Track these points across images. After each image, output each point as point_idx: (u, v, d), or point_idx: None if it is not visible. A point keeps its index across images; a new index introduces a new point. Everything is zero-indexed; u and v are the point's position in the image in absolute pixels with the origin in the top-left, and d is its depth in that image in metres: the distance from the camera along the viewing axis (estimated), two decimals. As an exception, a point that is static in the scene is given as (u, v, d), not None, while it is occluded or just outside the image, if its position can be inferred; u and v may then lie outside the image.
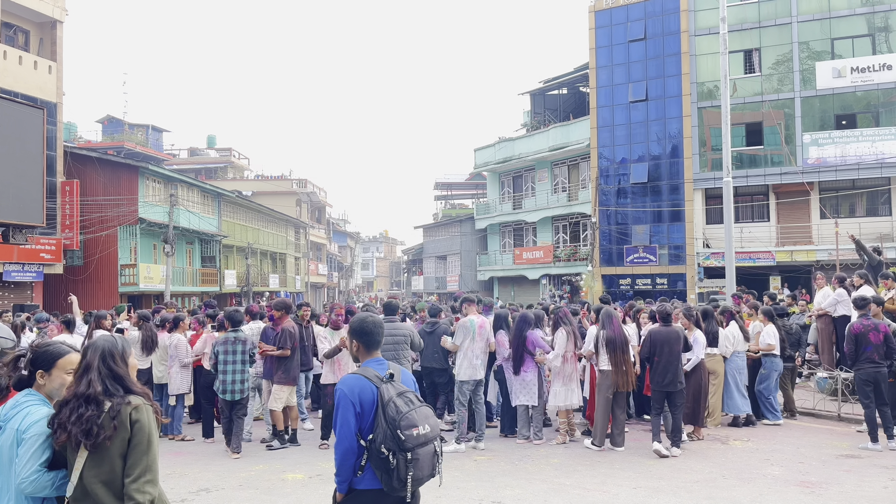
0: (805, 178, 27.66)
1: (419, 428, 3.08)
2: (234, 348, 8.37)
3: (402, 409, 3.08)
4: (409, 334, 7.94)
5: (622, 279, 31.74)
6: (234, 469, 7.75)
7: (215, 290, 36.45)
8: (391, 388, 3.17)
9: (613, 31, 32.64)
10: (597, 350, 8.61)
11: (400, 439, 3.01)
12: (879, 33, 28.02)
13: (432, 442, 3.14)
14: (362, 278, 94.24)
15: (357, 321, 3.49)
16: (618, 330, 8.51)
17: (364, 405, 3.12)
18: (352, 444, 3.11)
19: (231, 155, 57.12)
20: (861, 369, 8.34)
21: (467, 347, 8.48)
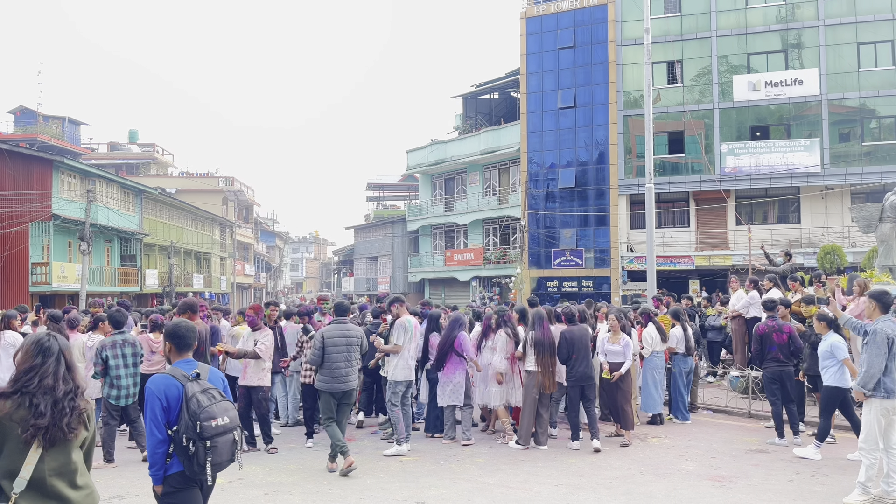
0: (722, 185, 28.87)
1: (218, 420, 3.53)
2: (124, 351, 7.97)
3: (203, 403, 3.53)
4: (360, 336, 7.77)
5: (550, 281, 32.35)
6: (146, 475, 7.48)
7: (135, 290, 35.16)
8: (195, 386, 3.59)
9: (544, 38, 33.27)
10: (525, 351, 8.74)
11: (199, 429, 3.46)
12: (792, 49, 29.55)
13: (231, 432, 3.61)
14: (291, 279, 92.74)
15: (171, 326, 3.86)
16: (546, 332, 8.64)
17: (170, 401, 3.55)
18: (160, 434, 3.54)
19: (154, 151, 55.19)
20: (767, 368, 8.78)
21: (404, 348, 8.47)
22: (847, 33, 28.68)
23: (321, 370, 7.57)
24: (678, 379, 10.35)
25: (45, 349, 2.94)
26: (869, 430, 6.29)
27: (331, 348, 7.48)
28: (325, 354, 7.49)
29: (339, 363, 7.48)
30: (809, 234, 28.80)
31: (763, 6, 29.86)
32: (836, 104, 28.80)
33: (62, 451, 2.84)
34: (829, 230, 28.29)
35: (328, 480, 7.15)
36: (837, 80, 28.68)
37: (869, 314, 6.57)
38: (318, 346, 7.51)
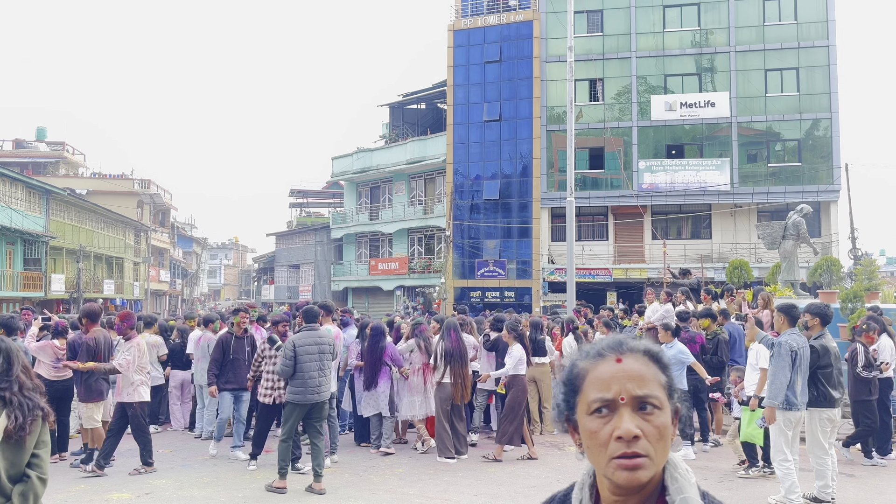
0: (640, 201, 29.90)
1: None
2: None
3: None
4: (333, 342, 7.41)
5: (473, 291, 32.62)
6: (52, 489, 7.07)
7: (39, 295, 33.29)
8: None
9: (471, 51, 33.68)
10: (436, 362, 8.74)
11: None
12: (705, 73, 31.00)
13: None
14: (208, 286, 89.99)
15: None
16: (455, 342, 8.59)
17: None
18: None
19: (64, 150, 52.55)
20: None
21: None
22: (755, 60, 30.33)
23: (292, 381, 7.02)
24: None
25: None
26: (775, 441, 6.41)
27: (303, 357, 6.99)
28: (297, 364, 6.97)
29: (311, 372, 7.01)
30: (720, 249, 30.17)
31: (679, 30, 31.22)
32: (745, 126, 30.37)
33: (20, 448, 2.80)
34: (738, 246, 29.72)
35: (243, 494, 6.95)
36: (746, 104, 30.26)
37: (778, 327, 6.70)
38: (290, 356, 6.96)
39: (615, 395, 1.28)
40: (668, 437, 1.29)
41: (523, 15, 32.73)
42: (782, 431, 6.37)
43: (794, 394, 6.33)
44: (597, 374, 1.32)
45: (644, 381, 1.30)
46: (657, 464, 1.27)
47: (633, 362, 1.32)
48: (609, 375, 1.30)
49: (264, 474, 7.71)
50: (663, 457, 1.29)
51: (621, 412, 1.27)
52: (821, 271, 15.49)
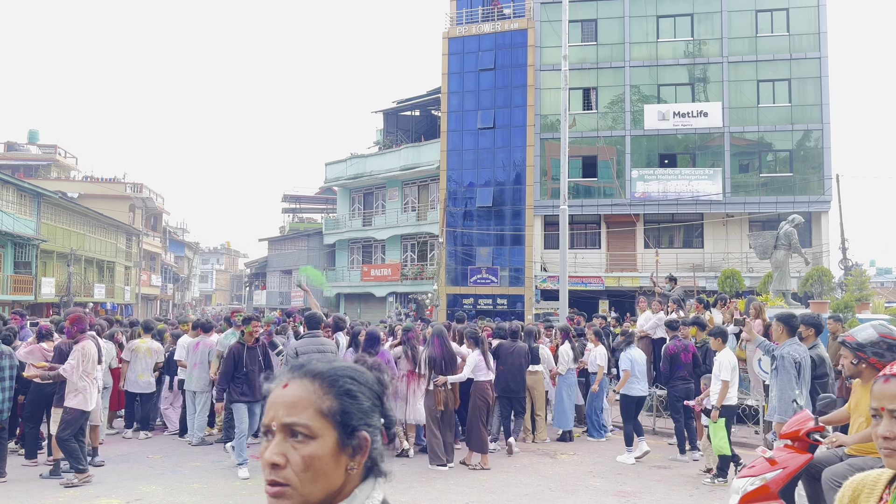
0: (632, 210, 30.00)
1: None
2: (1, 363, 7.48)
3: None
4: (335, 350, 7.32)
5: (466, 298, 32.61)
6: (39, 496, 7.02)
7: (29, 298, 33.07)
8: None
9: (465, 58, 33.79)
10: (421, 370, 8.75)
11: None
12: (698, 83, 31.19)
13: None
14: (200, 291, 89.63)
15: None
16: (440, 349, 8.55)
17: None
18: None
19: (56, 153, 52.36)
20: (674, 387, 9.12)
21: None
22: (748, 70, 30.55)
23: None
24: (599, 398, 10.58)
25: None
26: None
27: None
28: None
29: None
30: (711, 258, 30.29)
31: (672, 41, 31.42)
32: (738, 137, 30.55)
33: None
34: (729, 255, 29.85)
35: (233, 501, 6.91)
36: (739, 114, 30.45)
37: (777, 337, 6.53)
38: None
39: (269, 422, 1.27)
40: (321, 468, 1.23)
41: (518, 23, 32.87)
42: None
43: (797, 405, 6.22)
44: (269, 398, 1.31)
45: (295, 409, 1.25)
46: (304, 494, 1.22)
47: (297, 388, 1.27)
48: (271, 401, 1.29)
49: (255, 482, 7.67)
50: (313, 488, 1.23)
51: (272, 438, 1.26)
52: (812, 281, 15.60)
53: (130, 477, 7.79)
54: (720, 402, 7.37)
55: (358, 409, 1.29)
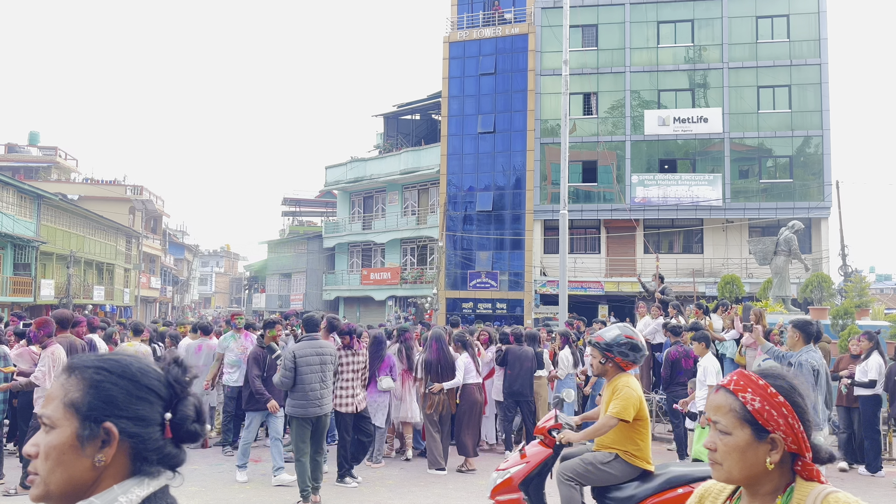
0: (632, 215, 30.02)
1: None
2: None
3: None
4: (334, 353, 7.21)
5: (465, 303, 32.60)
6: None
7: (29, 300, 33.05)
8: None
9: (466, 63, 33.85)
10: (417, 373, 8.79)
11: None
12: (699, 89, 31.24)
13: None
14: (199, 294, 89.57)
15: None
16: (437, 353, 8.55)
17: None
18: None
19: (56, 154, 52.37)
20: (674, 392, 9.11)
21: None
22: (748, 76, 30.60)
23: (292, 394, 6.74)
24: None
25: None
26: None
27: (303, 368, 6.70)
28: (298, 375, 6.68)
29: (313, 384, 6.73)
30: (711, 264, 30.29)
31: (673, 46, 31.48)
32: (737, 142, 30.58)
33: None
34: (729, 261, 29.85)
35: (232, 504, 6.89)
36: (739, 120, 30.49)
37: (792, 344, 6.43)
38: (290, 367, 6.70)
39: None
40: (59, 458, 1.25)
41: (519, 28, 32.94)
42: None
43: (815, 413, 6.18)
44: None
45: (48, 401, 1.31)
46: (46, 483, 1.26)
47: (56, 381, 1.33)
48: None
49: (252, 486, 7.66)
50: (54, 477, 1.26)
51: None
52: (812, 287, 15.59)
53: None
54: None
55: (105, 401, 1.28)
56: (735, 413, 1.69)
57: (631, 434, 4.59)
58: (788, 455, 1.69)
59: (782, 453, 1.67)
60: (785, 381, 1.73)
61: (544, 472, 5.01)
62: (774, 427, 1.66)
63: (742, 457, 1.67)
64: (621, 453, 4.58)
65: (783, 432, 1.66)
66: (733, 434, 1.69)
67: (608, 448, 4.64)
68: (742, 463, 1.68)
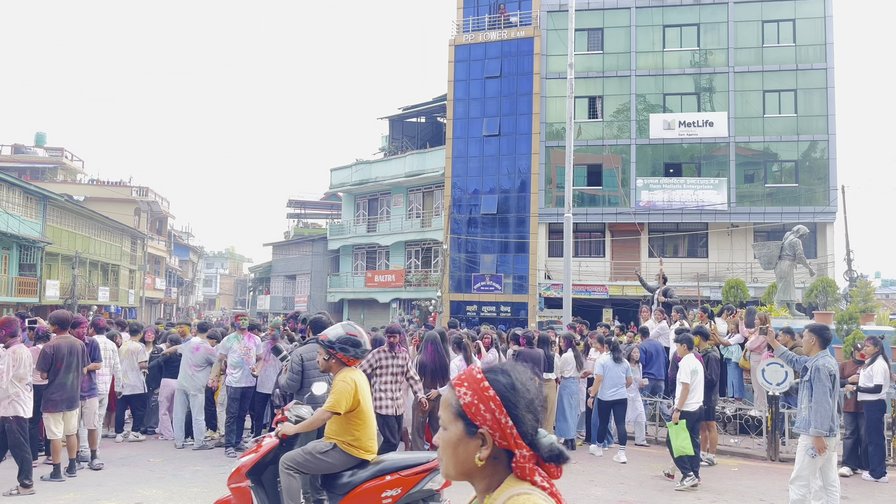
0: (637, 218, 29.97)
1: None
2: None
3: None
4: None
5: (469, 305, 32.59)
6: (40, 498, 7.02)
7: (34, 301, 33.16)
8: None
9: (472, 66, 33.88)
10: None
11: None
12: (704, 93, 31.19)
13: None
14: (204, 295, 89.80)
15: None
16: (432, 356, 8.59)
17: None
18: None
19: (63, 156, 52.59)
20: None
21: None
22: (754, 81, 30.54)
23: (299, 396, 6.65)
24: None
25: None
26: (803, 467, 6.12)
27: (311, 371, 6.63)
28: (305, 379, 6.57)
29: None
30: (716, 268, 30.22)
31: (678, 50, 31.45)
32: (743, 146, 30.52)
33: None
34: (734, 265, 29.78)
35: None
36: (744, 124, 30.44)
37: (808, 349, 6.37)
38: (297, 370, 6.63)
39: None
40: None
41: (524, 31, 32.96)
42: (815, 458, 6.07)
43: (832, 418, 6.09)
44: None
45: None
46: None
47: None
48: None
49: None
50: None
51: None
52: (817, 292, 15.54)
53: (131, 480, 7.79)
54: (680, 404, 7.79)
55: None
56: (451, 408, 1.67)
57: (347, 425, 4.86)
58: (504, 452, 1.64)
59: (492, 449, 1.63)
60: (507, 376, 1.68)
61: (275, 461, 5.19)
62: (482, 422, 1.62)
63: (454, 452, 1.65)
64: (339, 443, 4.87)
65: (490, 427, 1.62)
66: (448, 429, 1.67)
67: (329, 438, 4.92)
68: (455, 458, 1.66)
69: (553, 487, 1.64)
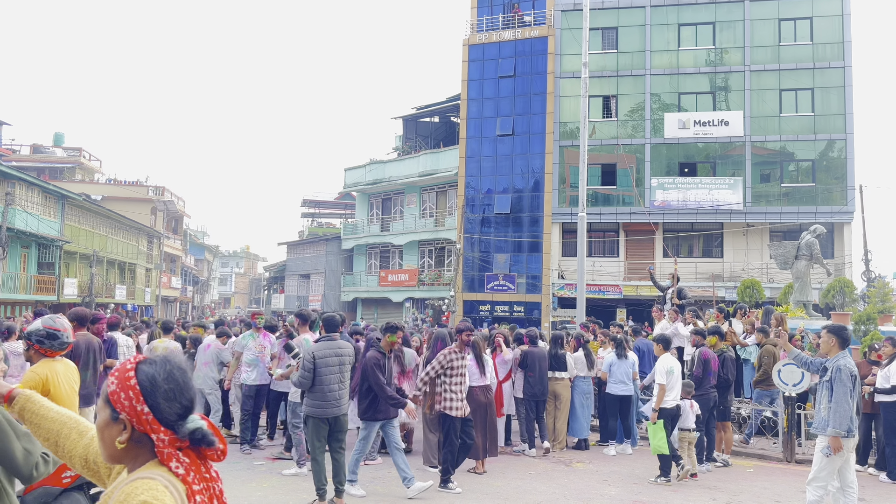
0: (651, 218, 29.84)
1: None
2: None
3: None
4: (352, 353, 7.17)
5: (482, 305, 32.58)
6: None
7: (52, 298, 33.53)
8: None
9: (485, 65, 33.86)
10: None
11: None
12: (720, 91, 30.98)
13: None
14: (219, 294, 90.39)
15: None
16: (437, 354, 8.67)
17: None
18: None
19: (81, 155, 53.12)
20: (705, 395, 8.95)
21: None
22: (770, 79, 30.30)
23: (310, 394, 6.77)
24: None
25: None
26: (821, 468, 6.06)
27: (322, 369, 6.73)
28: (317, 376, 6.72)
29: (332, 385, 6.75)
30: (731, 268, 30.01)
31: (694, 49, 31.27)
32: (759, 146, 30.30)
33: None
34: (749, 265, 29.56)
35: (249, 501, 6.95)
36: (760, 123, 30.21)
37: (827, 350, 6.33)
38: (309, 367, 6.73)
39: None
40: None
41: (538, 31, 32.90)
42: (832, 459, 6.02)
43: (851, 419, 6.03)
44: None
45: None
46: None
47: None
48: None
49: (270, 484, 7.72)
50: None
51: None
52: (834, 293, 15.41)
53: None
54: (657, 404, 8.09)
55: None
56: (103, 395, 1.81)
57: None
58: (148, 438, 1.76)
59: (131, 433, 1.76)
60: (153, 367, 1.80)
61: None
62: (121, 408, 1.76)
63: (102, 435, 1.80)
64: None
65: (128, 413, 1.75)
66: (99, 414, 1.82)
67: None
68: (103, 441, 1.81)
69: (191, 475, 1.75)
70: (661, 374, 8.17)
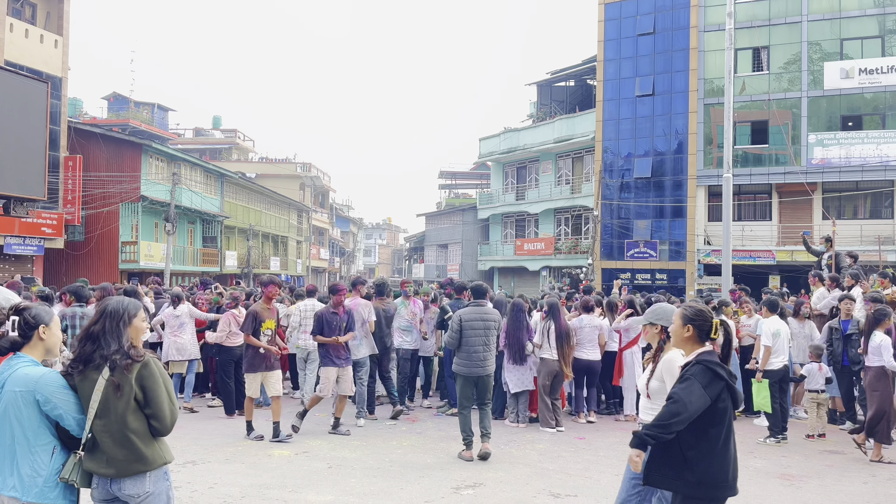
0: (808, 178, 27.58)
1: None
2: (82, 323, 8.14)
3: None
4: (498, 319, 7.77)
5: (622, 273, 31.67)
6: (222, 444, 7.83)
7: (215, 270, 36.57)
8: None
9: (622, 24, 32.50)
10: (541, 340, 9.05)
11: None
12: (889, 35, 27.86)
13: None
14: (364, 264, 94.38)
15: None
16: (561, 321, 9.02)
17: None
18: None
19: (236, 136, 57.10)
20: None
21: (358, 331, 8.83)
22: (953, 17, 26.79)
23: (458, 354, 7.48)
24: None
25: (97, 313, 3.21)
26: None
27: (468, 332, 7.39)
28: (463, 338, 7.39)
29: (476, 347, 7.39)
30: (903, 230, 27.18)
31: (859, -11, 28.22)
32: (938, 93, 26.98)
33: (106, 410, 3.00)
34: (926, 227, 26.61)
35: (390, 458, 7.30)
36: (940, 68, 26.84)
37: None
38: (456, 329, 7.41)
39: None
40: None
41: (680, -17, 31.04)
42: None
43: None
44: None
45: None
46: None
47: None
48: None
49: (410, 440, 8.05)
50: None
51: None
52: None
53: (301, 432, 8.42)
54: (763, 365, 8.36)
55: None
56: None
57: None
58: None
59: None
60: None
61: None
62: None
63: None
64: None
65: None
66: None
67: None
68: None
69: None
70: (767, 336, 8.40)
